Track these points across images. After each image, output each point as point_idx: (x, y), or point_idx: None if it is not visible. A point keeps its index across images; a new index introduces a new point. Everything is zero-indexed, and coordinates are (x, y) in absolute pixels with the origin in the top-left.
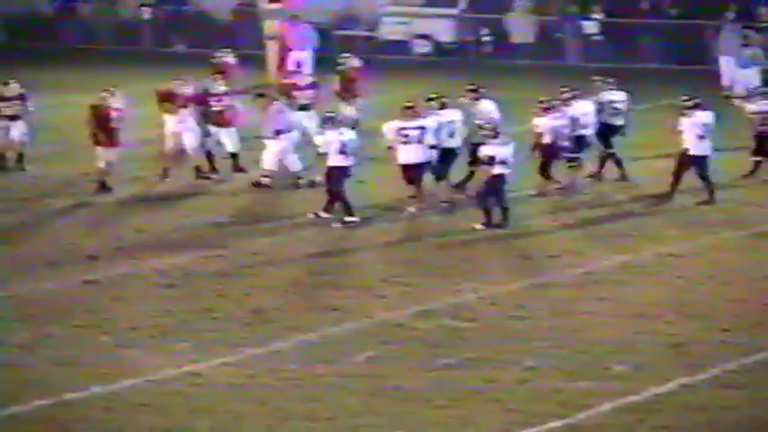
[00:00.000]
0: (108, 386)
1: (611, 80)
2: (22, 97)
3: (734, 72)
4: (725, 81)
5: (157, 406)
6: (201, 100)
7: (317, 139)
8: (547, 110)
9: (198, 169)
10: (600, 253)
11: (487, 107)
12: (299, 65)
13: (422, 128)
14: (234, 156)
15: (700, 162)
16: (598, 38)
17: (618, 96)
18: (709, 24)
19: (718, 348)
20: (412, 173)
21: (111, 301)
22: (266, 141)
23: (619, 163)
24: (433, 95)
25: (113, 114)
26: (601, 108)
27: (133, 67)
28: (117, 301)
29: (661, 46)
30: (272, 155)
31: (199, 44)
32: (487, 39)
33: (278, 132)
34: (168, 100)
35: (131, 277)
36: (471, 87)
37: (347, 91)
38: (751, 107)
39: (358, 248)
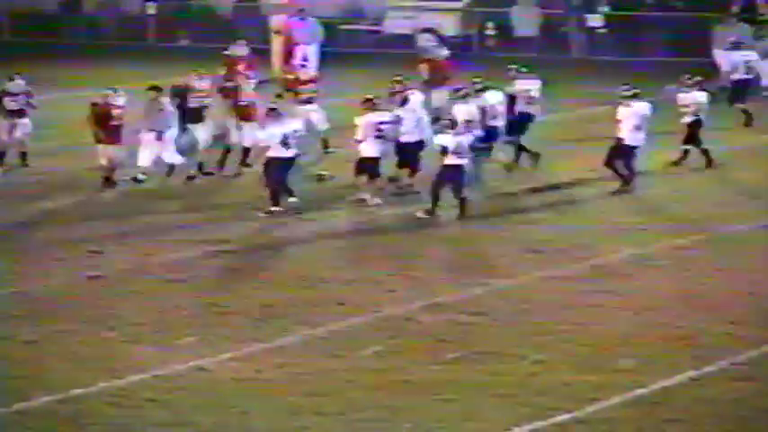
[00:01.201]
0: (114, 381)
1: (524, 69)
2: (27, 93)
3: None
4: (724, 74)
5: (164, 401)
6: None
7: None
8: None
9: (201, 165)
10: (608, 246)
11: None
12: (304, 59)
13: (395, 122)
14: (227, 150)
15: (631, 152)
16: (603, 31)
17: (533, 85)
18: (714, 17)
19: (726, 341)
20: (374, 166)
21: (117, 297)
22: (142, 138)
23: (523, 149)
24: (397, 79)
25: (114, 112)
26: (515, 97)
27: (138, 62)
28: (123, 296)
29: (666, 39)
30: (147, 152)
31: (203, 39)
32: (492, 32)
33: (156, 130)
34: (184, 95)
35: (137, 272)
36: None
37: (435, 79)
38: (684, 97)
39: (365, 243)
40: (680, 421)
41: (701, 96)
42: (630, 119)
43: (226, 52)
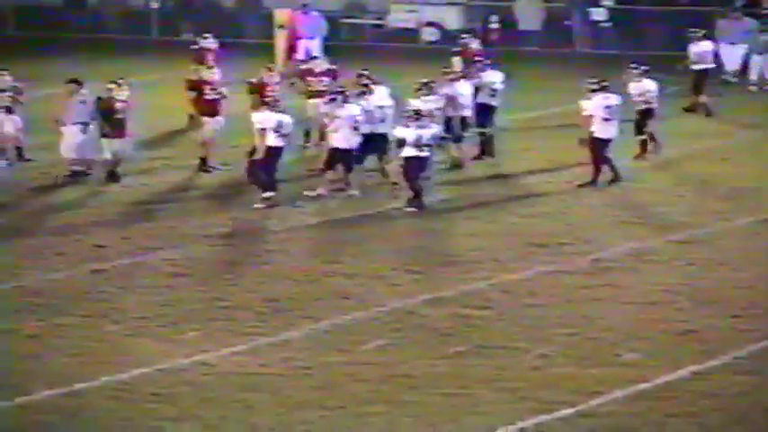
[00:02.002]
0: (118, 375)
1: (488, 61)
2: (14, 89)
3: (737, 58)
4: (727, 67)
5: (167, 395)
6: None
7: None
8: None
9: (203, 160)
10: (611, 240)
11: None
12: (308, 53)
13: (366, 113)
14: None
15: (603, 144)
16: (606, 25)
17: (497, 77)
18: (718, 11)
19: (729, 335)
20: (346, 157)
21: (120, 291)
22: (63, 131)
23: (489, 141)
24: (363, 74)
25: (118, 106)
26: (479, 89)
27: (142, 56)
28: (126, 290)
29: (670, 33)
30: (68, 144)
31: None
32: (496, 26)
33: (78, 123)
34: (199, 88)
35: (140, 266)
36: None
37: (469, 69)
38: (634, 86)
39: (369, 237)
40: (683, 415)
41: (650, 85)
42: (598, 111)
43: (194, 46)
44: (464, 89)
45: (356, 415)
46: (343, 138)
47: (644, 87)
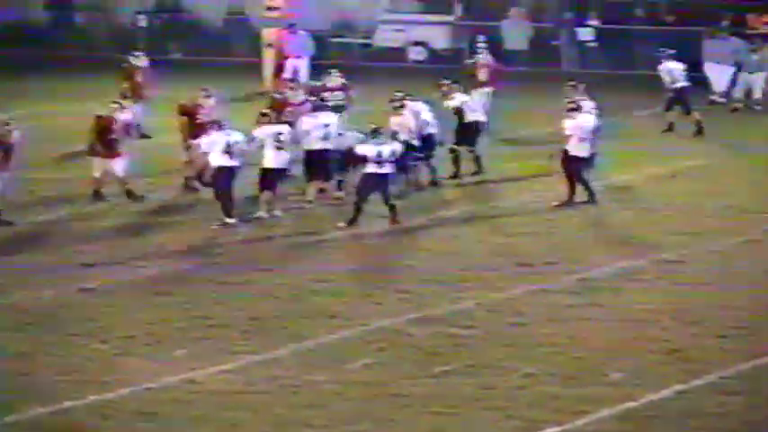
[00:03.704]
0: (105, 394)
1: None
2: None
3: (724, 77)
4: (715, 87)
5: (155, 414)
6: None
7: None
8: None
9: (187, 180)
10: (597, 260)
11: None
12: (295, 72)
13: (293, 132)
14: None
15: (578, 163)
16: (593, 44)
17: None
18: (705, 31)
19: (715, 354)
20: (276, 177)
21: (108, 309)
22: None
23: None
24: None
25: (114, 126)
26: (461, 110)
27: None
28: (113, 308)
29: (656, 53)
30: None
31: (194, 52)
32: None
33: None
34: (192, 113)
35: (127, 285)
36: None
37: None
38: (569, 125)
39: (355, 255)
40: None
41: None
42: (575, 131)
43: (124, 64)
44: (424, 108)
45: None
46: (277, 158)
47: (670, 68)
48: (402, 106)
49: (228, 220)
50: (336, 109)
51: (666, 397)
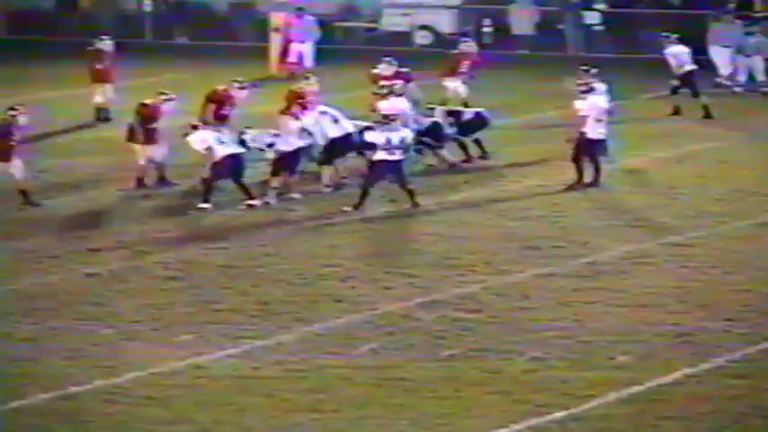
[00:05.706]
0: (112, 379)
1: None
2: None
3: (729, 60)
4: (721, 71)
5: (161, 398)
6: None
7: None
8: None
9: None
10: (604, 243)
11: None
12: (300, 57)
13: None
14: None
15: (595, 145)
16: (599, 28)
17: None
18: (711, 14)
19: (722, 338)
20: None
21: (115, 294)
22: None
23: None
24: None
25: (158, 115)
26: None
27: (135, 60)
28: (120, 293)
29: (662, 37)
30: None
31: (201, 36)
32: (488, 29)
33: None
34: (220, 101)
35: (134, 270)
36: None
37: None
38: (582, 106)
39: (362, 240)
40: (676, 418)
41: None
42: (589, 112)
43: (90, 48)
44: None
45: (350, 418)
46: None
47: (676, 53)
48: (391, 93)
49: (203, 205)
50: (400, 94)
51: (674, 380)
